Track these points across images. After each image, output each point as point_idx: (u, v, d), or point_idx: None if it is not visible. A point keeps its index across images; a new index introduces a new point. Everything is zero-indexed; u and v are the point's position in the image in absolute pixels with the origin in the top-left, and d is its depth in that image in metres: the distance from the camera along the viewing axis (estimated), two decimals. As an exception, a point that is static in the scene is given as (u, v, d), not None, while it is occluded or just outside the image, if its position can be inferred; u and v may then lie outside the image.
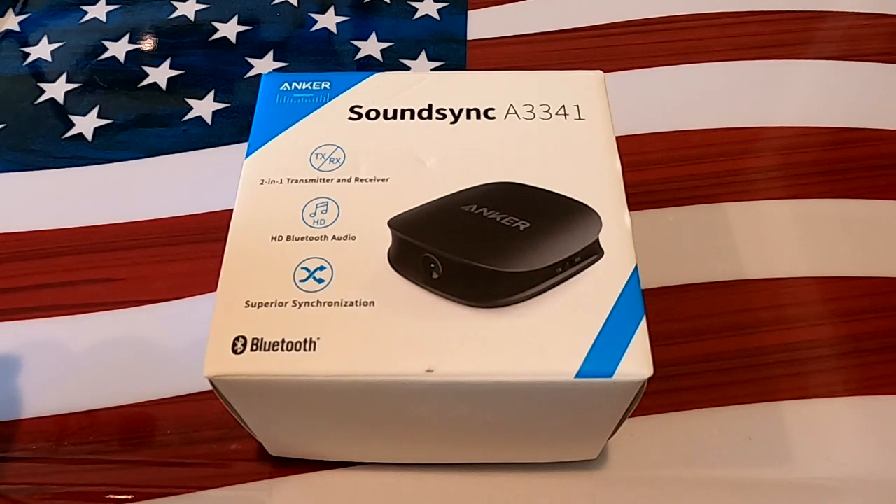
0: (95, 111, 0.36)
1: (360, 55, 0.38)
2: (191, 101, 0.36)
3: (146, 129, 0.35)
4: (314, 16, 0.41)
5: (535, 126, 0.22)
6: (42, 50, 0.39)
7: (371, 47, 0.39)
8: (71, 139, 0.35)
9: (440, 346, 0.18)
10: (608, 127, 0.22)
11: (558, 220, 0.20)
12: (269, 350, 0.18)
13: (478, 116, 0.23)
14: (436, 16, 0.40)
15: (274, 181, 0.21)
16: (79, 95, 0.37)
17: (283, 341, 0.18)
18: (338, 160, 0.22)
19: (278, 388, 0.18)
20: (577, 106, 0.23)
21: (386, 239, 0.20)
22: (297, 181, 0.21)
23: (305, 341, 0.18)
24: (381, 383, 0.18)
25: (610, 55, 0.38)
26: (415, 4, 0.41)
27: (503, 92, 0.23)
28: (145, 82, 0.37)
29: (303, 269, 0.19)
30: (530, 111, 0.23)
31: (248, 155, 0.22)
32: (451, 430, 0.21)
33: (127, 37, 0.39)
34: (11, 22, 0.40)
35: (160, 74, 0.37)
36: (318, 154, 0.22)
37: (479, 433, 0.21)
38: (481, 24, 0.40)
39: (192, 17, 0.40)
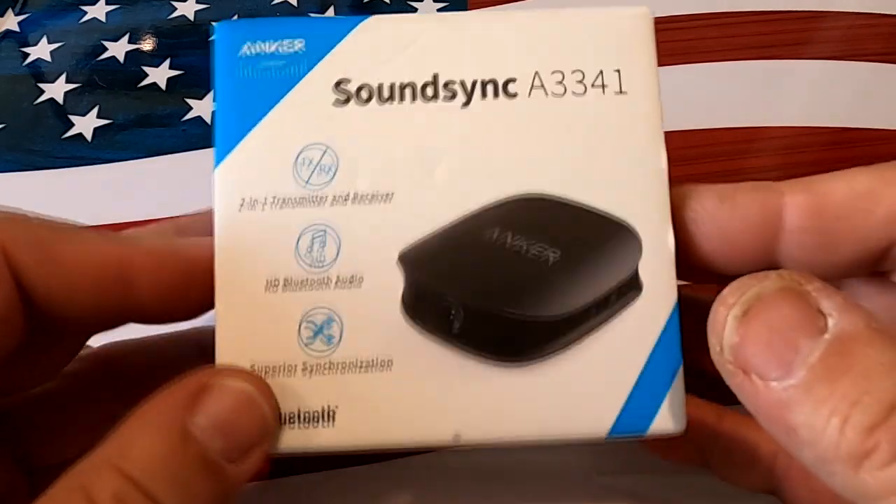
0: (95, 111, 0.36)
1: (359, 55, 0.38)
2: (191, 101, 0.36)
3: (146, 129, 0.35)
4: (314, 16, 0.41)
5: (567, 107, 0.18)
6: (42, 50, 0.39)
7: (371, 47, 0.39)
8: (71, 139, 0.35)
9: (466, 409, 0.17)
10: (655, 102, 0.18)
11: (593, 246, 0.18)
12: (284, 423, 0.17)
13: (495, 94, 0.18)
14: (436, 16, 0.40)
15: (256, 203, 0.18)
16: (78, 95, 0.37)
17: (298, 412, 0.17)
18: (329, 169, 0.18)
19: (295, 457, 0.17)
20: (618, 71, 0.18)
21: (397, 278, 0.17)
22: (283, 202, 0.18)
23: (322, 411, 0.17)
24: (406, 448, 0.17)
25: (610, 55, 0.38)
26: (414, 4, 0.41)
27: (525, 50, 0.18)
28: (145, 82, 0.37)
29: (308, 323, 0.17)
30: (560, 82, 0.18)
31: (217, 161, 0.18)
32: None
33: (126, 37, 0.39)
34: (11, 22, 0.40)
35: (160, 74, 0.37)
36: (303, 160, 0.18)
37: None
38: (481, 24, 0.40)
39: (191, 17, 0.40)
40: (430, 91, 0.18)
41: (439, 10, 0.41)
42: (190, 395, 0.15)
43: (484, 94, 0.18)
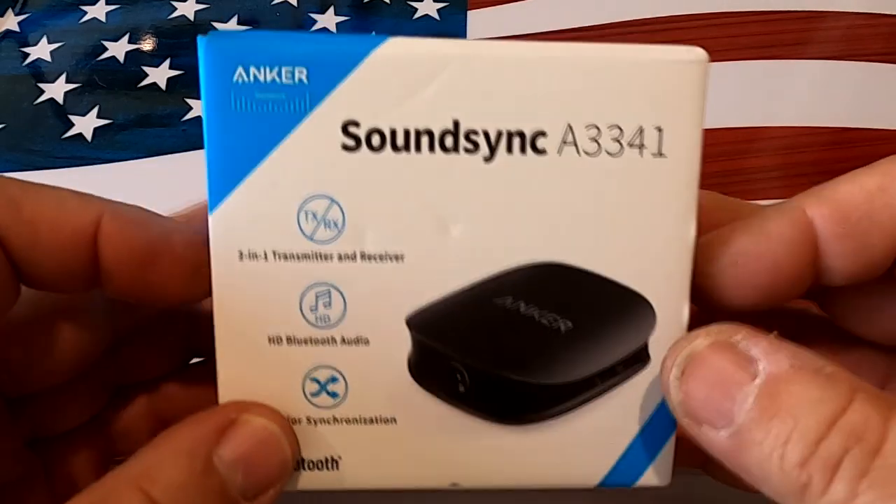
0: (95, 111, 0.36)
1: (359, 55, 0.38)
2: (191, 101, 0.36)
3: (146, 129, 0.35)
4: (314, 16, 0.41)
5: (598, 168, 0.16)
6: (42, 50, 0.39)
7: (371, 47, 0.39)
8: (71, 139, 0.35)
9: (466, 461, 0.17)
10: (694, 166, 0.17)
11: (607, 319, 0.17)
12: None
13: (522, 148, 0.16)
14: (436, 16, 0.40)
15: (257, 256, 0.16)
16: (78, 95, 0.37)
17: (303, 461, 0.17)
18: (335, 224, 0.16)
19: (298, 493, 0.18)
20: (660, 129, 0.16)
21: (404, 340, 0.17)
22: (286, 257, 0.16)
23: (327, 460, 0.17)
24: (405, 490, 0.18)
25: (610, 55, 0.38)
26: (415, 4, 0.41)
27: (561, 96, 0.16)
28: (145, 82, 0.37)
29: (312, 380, 0.17)
30: (594, 139, 0.16)
31: (212, 206, 0.16)
32: None
33: (126, 37, 0.39)
34: (11, 22, 0.40)
35: (160, 74, 0.37)
36: (307, 213, 0.16)
37: None
38: (481, 24, 0.40)
39: (191, 17, 0.40)
40: (449, 141, 0.16)
41: (439, 10, 0.41)
42: (217, 427, 0.16)
43: (510, 149, 0.16)
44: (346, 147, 0.16)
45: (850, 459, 0.13)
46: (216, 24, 0.40)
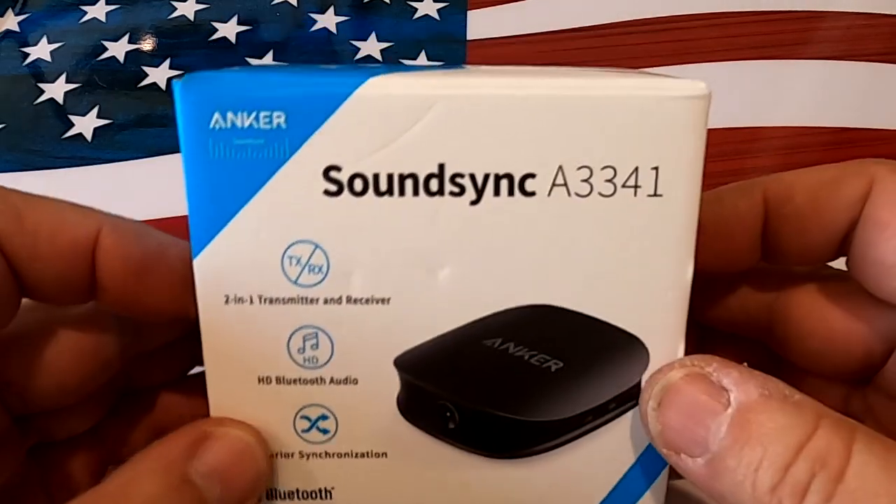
0: (95, 111, 0.36)
1: (359, 55, 0.38)
2: (191, 101, 0.36)
3: (146, 129, 0.35)
4: (314, 16, 0.41)
5: (590, 209, 0.16)
6: (42, 50, 0.39)
7: (371, 47, 0.39)
8: (71, 139, 0.35)
9: (458, 491, 0.18)
10: (693, 206, 0.16)
11: (598, 358, 0.17)
12: (284, 499, 0.18)
13: (510, 191, 0.16)
14: (436, 16, 0.40)
15: (242, 300, 0.16)
16: (78, 95, 0.37)
17: (297, 491, 0.17)
18: (319, 269, 0.16)
19: None
20: (657, 169, 0.16)
21: (393, 380, 0.17)
22: (272, 301, 0.16)
23: (320, 491, 0.17)
24: None
25: (610, 55, 0.38)
26: (415, 4, 0.41)
27: (551, 137, 0.15)
28: (145, 82, 0.37)
29: (303, 418, 0.17)
30: (586, 180, 0.16)
31: (196, 252, 0.16)
32: None
33: (127, 37, 0.39)
34: (11, 22, 0.40)
35: (160, 74, 0.37)
36: (291, 258, 0.16)
37: None
38: (481, 24, 0.40)
39: (191, 17, 0.40)
40: (434, 185, 0.16)
41: (439, 10, 0.41)
42: (192, 441, 0.16)
43: (497, 191, 0.16)
44: (328, 192, 0.16)
45: (816, 485, 0.13)
46: (216, 24, 0.40)
